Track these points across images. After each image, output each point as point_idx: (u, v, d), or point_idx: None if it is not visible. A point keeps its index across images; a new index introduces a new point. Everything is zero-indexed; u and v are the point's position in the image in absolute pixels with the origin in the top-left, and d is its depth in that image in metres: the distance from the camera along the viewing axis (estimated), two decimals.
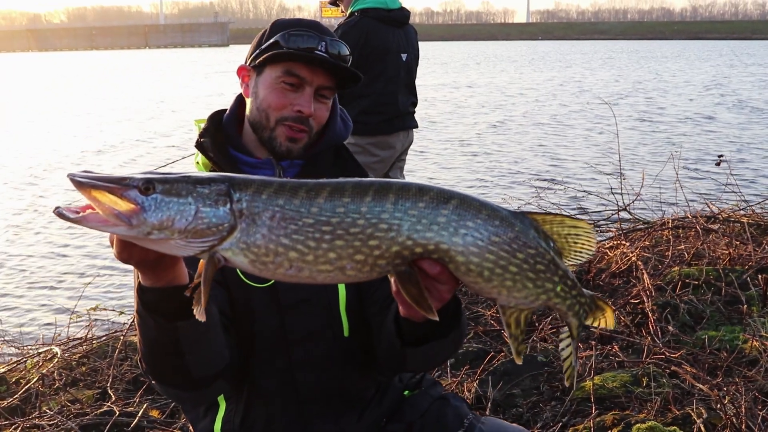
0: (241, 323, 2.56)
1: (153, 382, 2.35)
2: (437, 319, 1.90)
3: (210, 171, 2.70)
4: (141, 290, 2.08)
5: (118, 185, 1.78)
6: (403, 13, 6.73)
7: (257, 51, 2.69)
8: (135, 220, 1.76)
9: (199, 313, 1.84)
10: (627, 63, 59.13)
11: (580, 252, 1.96)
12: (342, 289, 2.65)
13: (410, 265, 1.88)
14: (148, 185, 1.78)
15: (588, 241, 1.96)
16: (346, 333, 2.66)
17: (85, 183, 1.75)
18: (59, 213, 1.76)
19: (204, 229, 1.80)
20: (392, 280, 1.93)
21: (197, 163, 2.75)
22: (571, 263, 1.97)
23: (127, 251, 1.90)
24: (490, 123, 24.24)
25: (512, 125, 23.60)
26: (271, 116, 2.62)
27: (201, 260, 1.87)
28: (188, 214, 1.79)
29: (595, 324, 2.06)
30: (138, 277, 2.09)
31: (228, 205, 1.81)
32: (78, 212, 1.77)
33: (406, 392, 2.89)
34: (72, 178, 1.76)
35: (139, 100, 34.19)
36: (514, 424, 2.76)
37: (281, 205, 1.83)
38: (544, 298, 1.94)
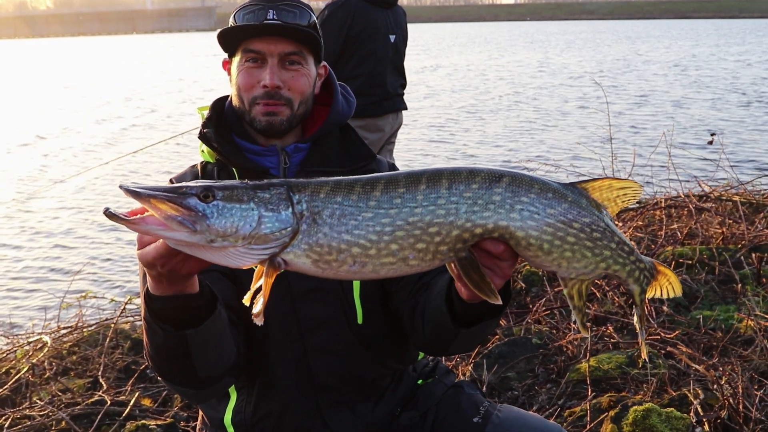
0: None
1: (159, 378, 2.34)
2: (500, 302, 1.92)
3: (216, 161, 2.68)
4: (149, 298, 2.05)
5: (175, 194, 1.76)
6: None
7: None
8: (199, 226, 1.75)
9: (259, 320, 1.85)
10: (611, 43, 58.98)
11: (624, 205, 2.01)
12: None
13: (470, 250, 1.90)
14: (207, 192, 1.78)
15: (634, 196, 2.00)
16: (360, 320, 2.64)
17: (142, 193, 1.73)
18: (110, 214, 1.72)
19: (268, 234, 1.79)
20: (452, 266, 1.94)
21: (202, 152, 2.71)
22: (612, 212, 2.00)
23: (164, 259, 1.86)
24: (477, 104, 24.17)
25: (500, 107, 23.52)
26: (245, 99, 2.61)
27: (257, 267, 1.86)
28: (252, 220, 1.78)
29: (661, 294, 2.09)
30: (146, 284, 2.05)
31: (289, 209, 1.81)
32: (131, 215, 1.75)
33: (419, 381, 2.87)
34: (126, 189, 1.73)
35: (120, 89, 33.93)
36: (530, 412, 2.74)
37: (339, 202, 1.84)
38: (604, 266, 1.97)
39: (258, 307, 1.85)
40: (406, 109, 6.97)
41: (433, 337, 2.46)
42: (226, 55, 2.74)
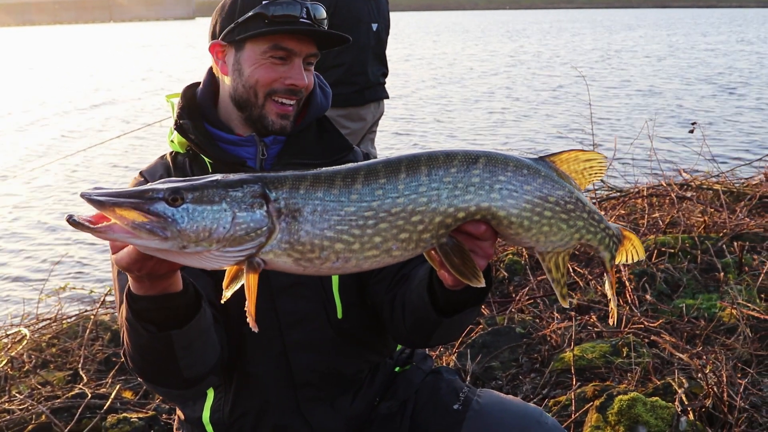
0: (230, 309, 2.47)
1: (140, 379, 2.28)
2: (484, 284, 1.91)
3: (187, 150, 2.61)
4: (131, 298, 2.00)
5: (141, 199, 1.67)
6: None
7: (233, 25, 2.55)
8: (170, 232, 1.67)
9: (253, 325, 1.80)
10: (590, 32, 59.11)
11: (592, 179, 2.04)
12: None
13: (450, 235, 1.89)
14: (175, 195, 1.69)
15: (601, 168, 2.04)
16: (339, 315, 2.60)
17: (106, 202, 1.64)
18: (73, 222, 1.65)
19: (242, 236, 1.72)
20: (433, 254, 1.93)
21: (172, 141, 2.64)
22: (584, 187, 2.04)
23: (140, 263, 1.81)
24: (455, 93, 24.13)
25: (477, 96, 23.47)
26: (260, 92, 2.53)
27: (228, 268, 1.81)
28: (225, 222, 1.71)
29: (627, 259, 2.15)
30: (123, 282, 1.99)
31: (264, 207, 1.74)
32: (95, 222, 1.67)
33: (397, 368, 2.84)
34: (88, 197, 1.65)
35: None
36: (509, 396, 2.69)
37: (321, 197, 1.78)
38: (578, 237, 2.01)
39: (250, 316, 1.80)
40: (387, 97, 6.92)
41: (414, 329, 2.43)
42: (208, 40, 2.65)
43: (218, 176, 1.79)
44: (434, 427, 2.60)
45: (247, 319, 1.80)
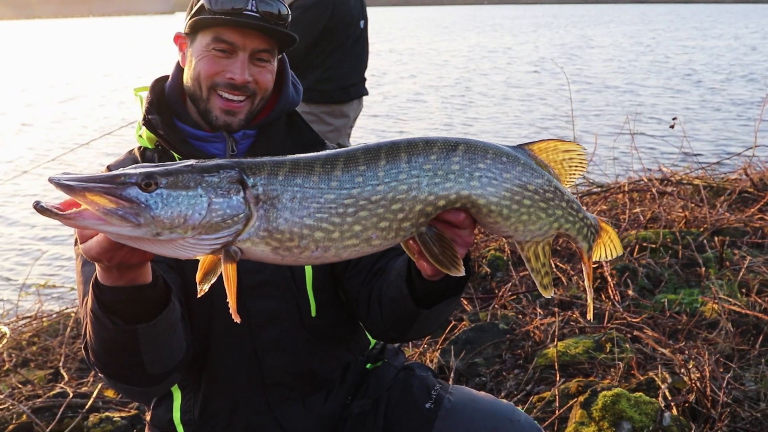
0: (199, 308, 2.44)
1: (101, 375, 2.21)
2: (463, 273, 1.89)
3: (155, 146, 2.57)
4: (99, 289, 1.93)
5: (113, 184, 1.61)
6: None
7: (189, 16, 2.54)
8: (143, 218, 1.61)
9: (235, 316, 1.77)
10: (568, 28, 59.27)
11: (574, 173, 2.02)
12: (309, 267, 2.55)
13: (430, 224, 1.87)
14: (149, 180, 1.63)
15: (581, 161, 2.02)
16: (313, 313, 2.58)
17: (76, 187, 1.58)
18: (41, 209, 1.58)
19: (219, 222, 1.67)
20: (412, 243, 1.91)
21: (140, 137, 2.60)
22: (567, 183, 2.02)
23: (110, 253, 1.75)
24: (433, 89, 24.04)
25: (456, 92, 23.39)
26: (203, 85, 2.49)
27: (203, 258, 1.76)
28: (201, 208, 1.66)
29: (605, 255, 2.14)
30: (87, 272, 1.94)
31: (241, 193, 1.69)
32: (64, 209, 1.61)
33: (368, 365, 2.82)
34: (57, 182, 1.58)
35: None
36: (482, 393, 2.67)
37: (300, 184, 1.74)
38: (556, 226, 1.99)
39: (232, 307, 1.77)
40: (367, 94, 6.92)
41: (392, 322, 2.41)
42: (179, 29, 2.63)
43: (193, 161, 1.74)
44: (406, 427, 2.57)
45: (219, 314, 1.77)
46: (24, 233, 10.19)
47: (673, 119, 8.16)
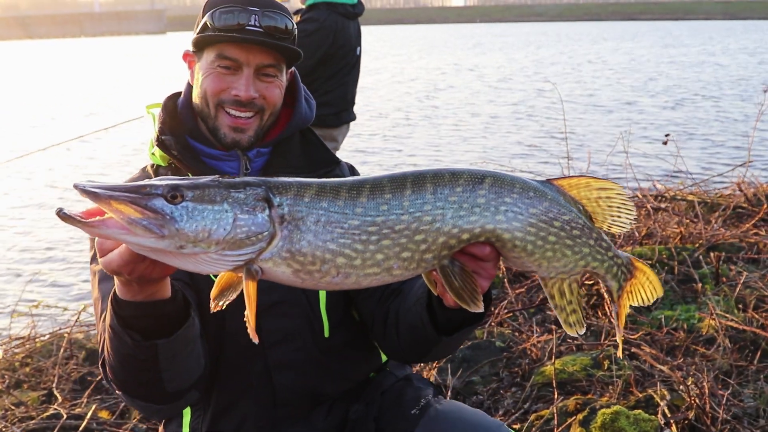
0: (212, 326, 2.42)
1: (118, 392, 2.20)
2: (482, 309, 1.87)
3: (168, 165, 2.56)
4: (117, 304, 1.92)
5: (139, 194, 1.61)
6: (362, 7, 6.63)
7: (195, 34, 2.54)
8: (167, 230, 1.60)
9: (253, 335, 1.75)
10: (559, 45, 59.49)
11: (618, 215, 1.96)
12: None
13: (452, 256, 1.84)
14: (175, 192, 1.63)
15: (622, 202, 1.95)
16: (326, 333, 2.56)
17: (101, 194, 1.57)
18: (64, 215, 1.57)
19: (243, 239, 1.66)
20: (434, 275, 1.89)
21: (153, 155, 2.59)
22: (610, 225, 1.97)
23: (131, 265, 1.73)
24: (425, 108, 23.93)
25: (448, 111, 23.30)
26: (210, 102, 2.49)
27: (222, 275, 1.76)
28: (226, 223, 1.65)
29: (643, 296, 2.06)
30: (105, 287, 1.92)
31: (266, 211, 1.68)
32: (86, 217, 1.59)
33: (372, 374, 2.80)
34: (82, 189, 1.58)
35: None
36: (473, 408, 2.63)
37: (325, 207, 1.73)
38: (583, 264, 1.95)
39: (250, 325, 1.76)
40: (355, 119, 6.96)
41: (410, 347, 2.41)
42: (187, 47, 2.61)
43: (219, 177, 1.73)
44: (390, 430, 2.56)
45: (230, 333, 1.75)
46: (16, 254, 10.13)
47: (666, 136, 8.17)
